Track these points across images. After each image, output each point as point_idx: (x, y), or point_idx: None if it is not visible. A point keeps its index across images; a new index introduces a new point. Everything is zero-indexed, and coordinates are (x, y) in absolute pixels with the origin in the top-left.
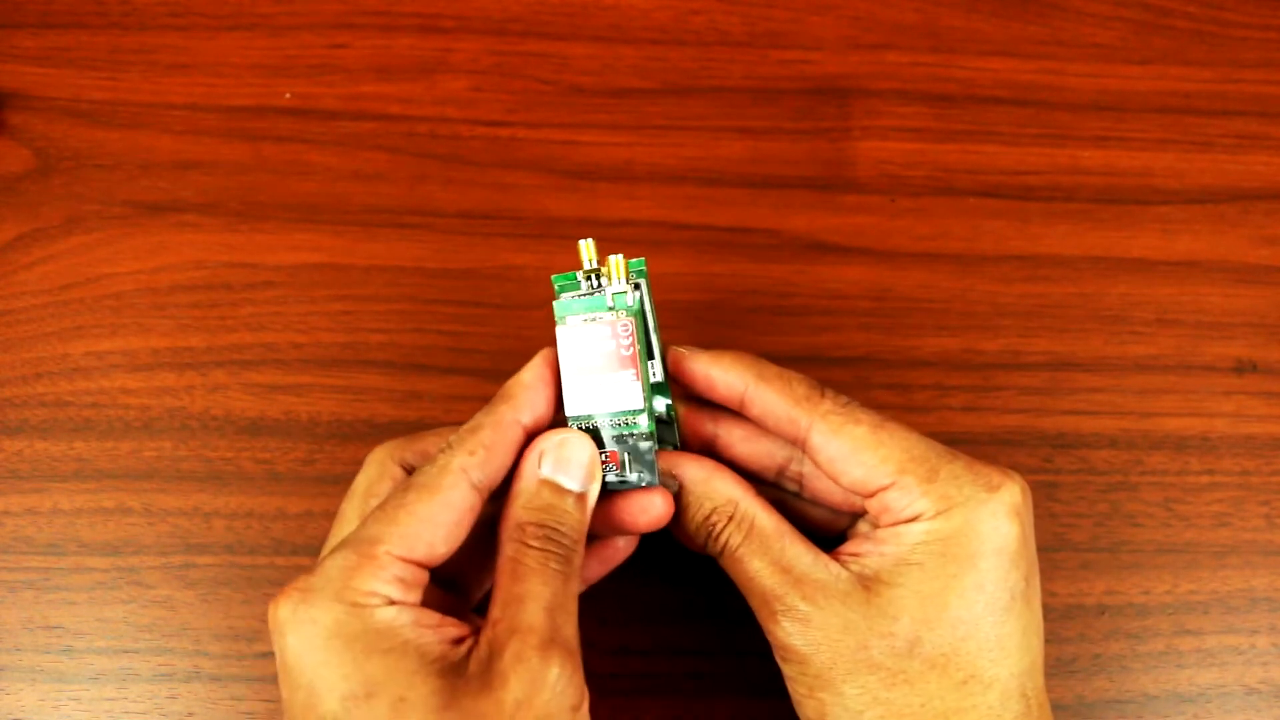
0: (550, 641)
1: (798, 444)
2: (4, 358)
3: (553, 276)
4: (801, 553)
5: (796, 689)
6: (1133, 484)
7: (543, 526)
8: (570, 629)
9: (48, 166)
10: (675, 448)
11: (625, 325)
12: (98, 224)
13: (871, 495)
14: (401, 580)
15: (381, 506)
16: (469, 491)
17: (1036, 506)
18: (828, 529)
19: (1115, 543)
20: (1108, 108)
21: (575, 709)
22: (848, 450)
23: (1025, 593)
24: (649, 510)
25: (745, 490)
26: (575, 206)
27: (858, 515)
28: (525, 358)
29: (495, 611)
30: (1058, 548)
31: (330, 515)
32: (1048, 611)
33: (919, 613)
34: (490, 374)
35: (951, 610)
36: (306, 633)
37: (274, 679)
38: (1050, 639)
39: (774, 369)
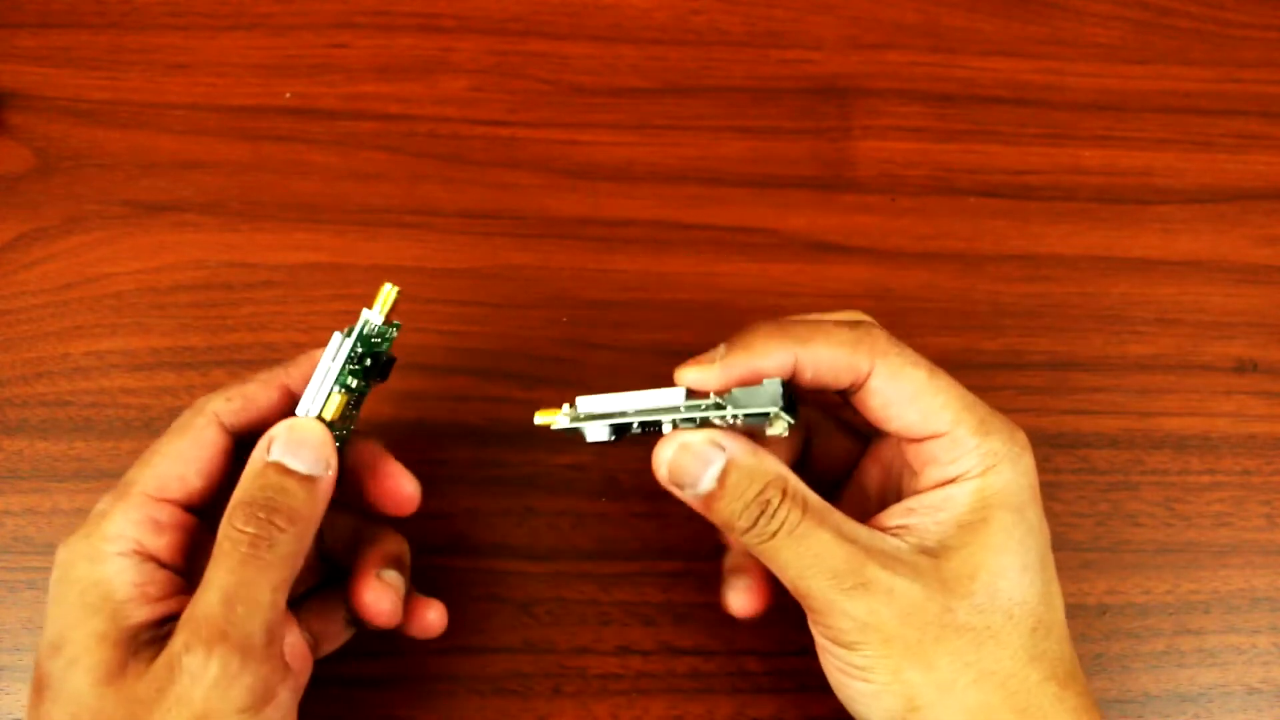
0: (220, 635)
1: (854, 387)
2: (4, 358)
3: None
4: (857, 527)
5: (877, 677)
6: (1133, 484)
7: (254, 504)
8: (253, 623)
9: (48, 166)
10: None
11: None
12: (98, 224)
13: (920, 441)
14: (154, 521)
15: (142, 454)
16: (219, 432)
17: None
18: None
19: (1116, 542)
20: (1108, 107)
21: (244, 711)
22: (907, 394)
23: (1049, 538)
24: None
25: (788, 470)
26: (575, 206)
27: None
28: (525, 357)
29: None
30: (1058, 547)
31: None
32: None
33: (992, 565)
34: (490, 374)
35: (1015, 560)
36: (55, 574)
37: None
38: None
39: (803, 326)
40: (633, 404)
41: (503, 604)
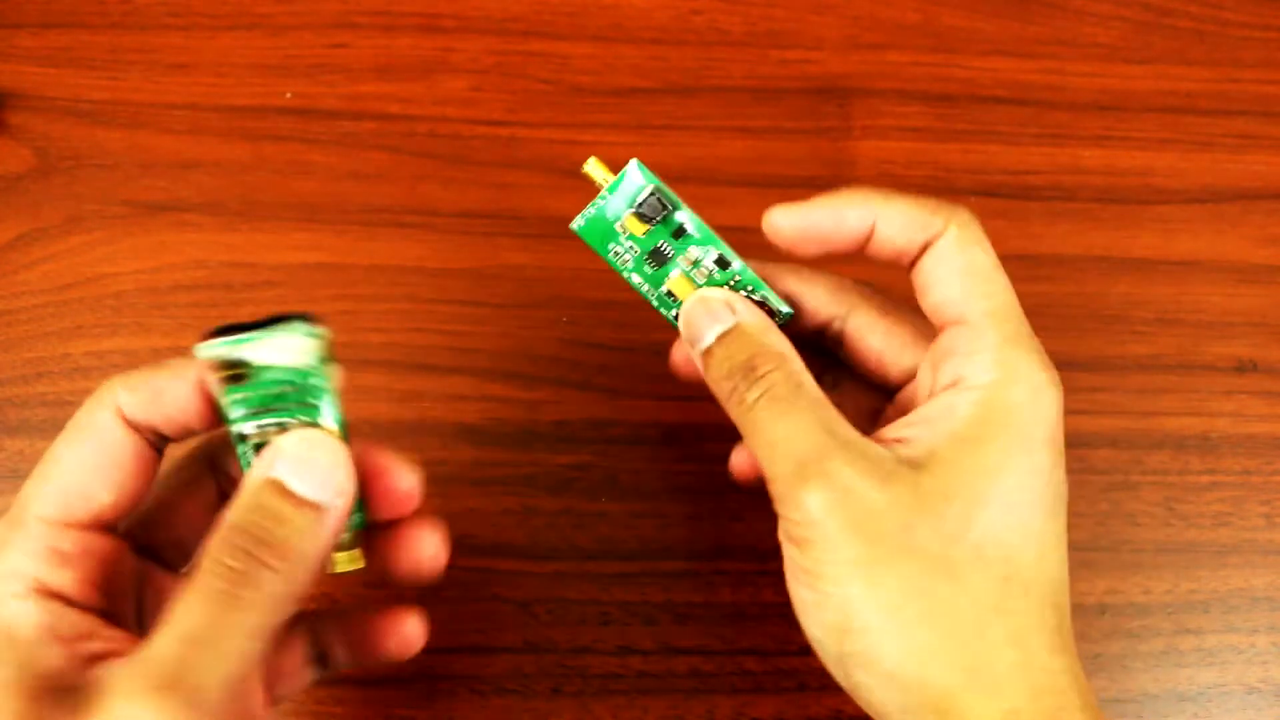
0: (168, 682)
1: (923, 248)
2: (4, 358)
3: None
4: (845, 427)
5: (819, 585)
6: (1133, 483)
7: (240, 531)
8: (213, 674)
9: (48, 166)
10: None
11: None
12: (98, 224)
13: (947, 326)
14: (57, 552)
15: (40, 462)
16: (126, 432)
17: None
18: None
19: (1116, 542)
20: (1108, 107)
21: None
22: (959, 266)
23: (1064, 501)
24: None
25: (796, 355)
26: (576, 206)
27: (888, 391)
28: (525, 357)
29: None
30: None
31: None
32: None
33: (973, 491)
34: (490, 374)
35: (1003, 492)
36: None
37: None
38: None
39: (895, 190)
40: (691, 218)
41: (503, 604)
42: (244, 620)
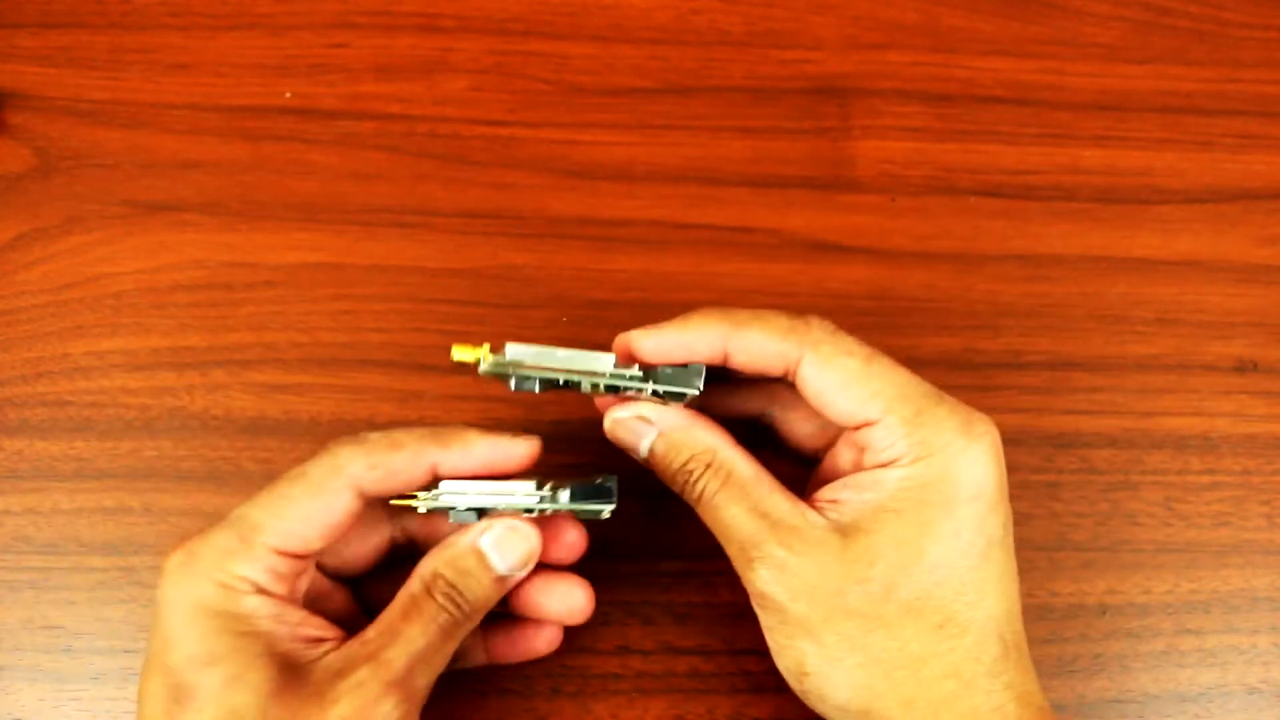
0: (397, 683)
1: (787, 376)
2: (4, 357)
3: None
4: (779, 501)
5: (776, 638)
6: (1133, 483)
7: (453, 588)
8: (423, 680)
9: (48, 166)
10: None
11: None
12: (98, 224)
13: (856, 429)
14: (274, 571)
15: (269, 489)
16: (353, 500)
17: (1037, 506)
18: (805, 452)
19: (1116, 542)
20: (1108, 107)
21: None
22: (838, 383)
23: (1003, 539)
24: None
25: (725, 439)
26: (575, 206)
27: (830, 447)
28: None
29: (370, 633)
30: (1059, 547)
31: None
32: (1049, 611)
33: (895, 558)
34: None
35: (928, 556)
36: (178, 595)
37: None
38: (1051, 638)
39: (745, 312)
40: (560, 362)
41: None
42: (450, 647)
